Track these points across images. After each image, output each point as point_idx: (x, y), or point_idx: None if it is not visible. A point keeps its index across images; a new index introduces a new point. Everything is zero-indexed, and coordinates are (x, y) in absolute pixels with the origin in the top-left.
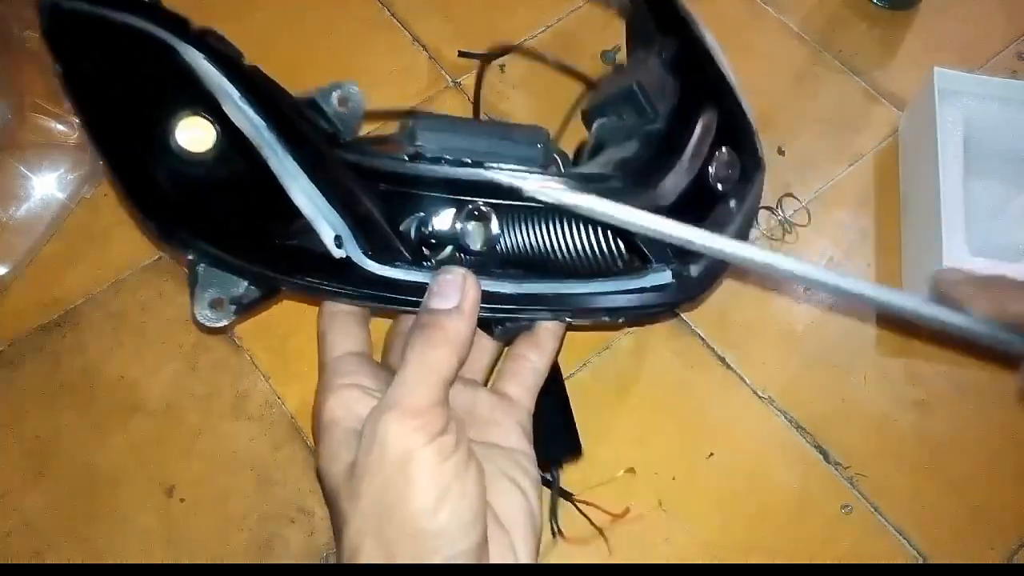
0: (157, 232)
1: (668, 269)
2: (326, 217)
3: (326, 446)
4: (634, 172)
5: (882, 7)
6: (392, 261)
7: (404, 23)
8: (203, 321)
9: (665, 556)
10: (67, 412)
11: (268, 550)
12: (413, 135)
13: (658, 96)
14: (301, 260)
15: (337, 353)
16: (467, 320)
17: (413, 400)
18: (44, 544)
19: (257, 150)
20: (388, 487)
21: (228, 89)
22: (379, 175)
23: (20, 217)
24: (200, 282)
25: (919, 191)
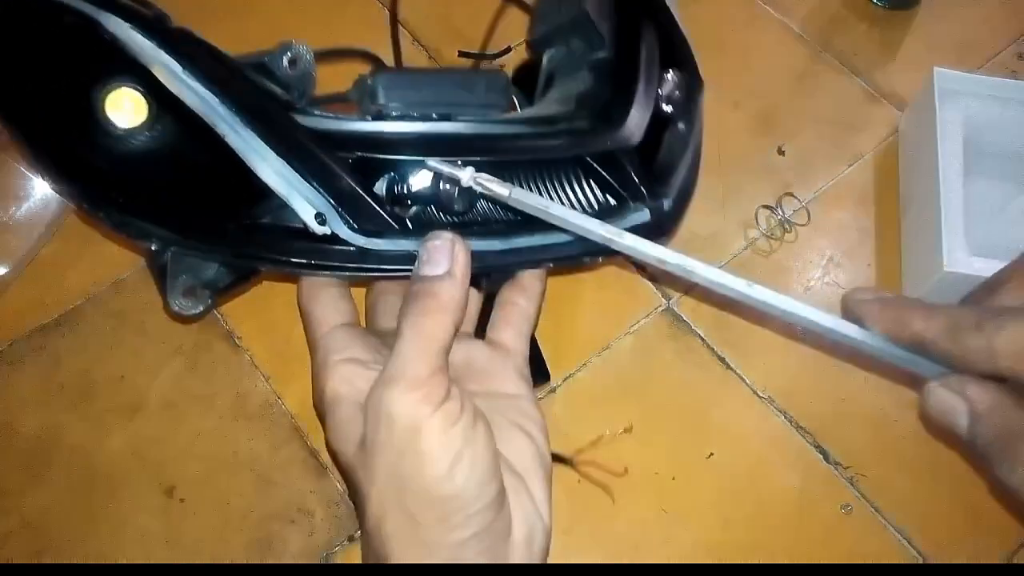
0: (109, 222)
1: (646, 208)
2: (303, 194)
3: (335, 424)
4: (598, 110)
5: (882, 7)
6: (380, 233)
7: (403, 23)
8: (179, 311)
9: (665, 556)
10: (67, 412)
11: (268, 550)
12: (374, 93)
13: (599, 18)
14: (278, 239)
15: (326, 328)
16: (460, 284)
17: (414, 371)
18: (44, 544)
19: (212, 127)
20: (401, 460)
21: (167, 62)
22: (347, 141)
23: (20, 217)
24: (170, 271)
25: (919, 191)
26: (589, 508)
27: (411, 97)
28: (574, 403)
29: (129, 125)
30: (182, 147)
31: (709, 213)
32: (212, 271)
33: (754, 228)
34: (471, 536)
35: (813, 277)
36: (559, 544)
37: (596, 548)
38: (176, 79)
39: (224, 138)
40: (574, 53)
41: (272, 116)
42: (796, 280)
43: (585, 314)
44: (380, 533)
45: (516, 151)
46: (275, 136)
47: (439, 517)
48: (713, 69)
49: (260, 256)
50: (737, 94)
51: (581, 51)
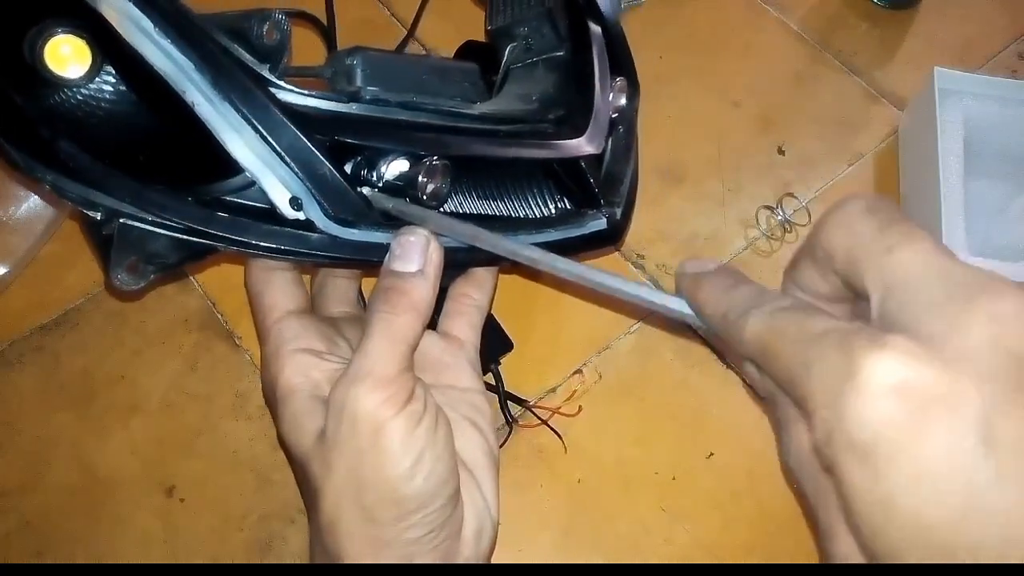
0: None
1: (603, 216)
2: (278, 175)
3: (289, 416)
4: (562, 116)
5: (882, 7)
6: (353, 222)
7: (404, 23)
8: (119, 285)
9: (665, 556)
10: (67, 412)
11: (268, 550)
12: (352, 75)
13: (559, 17)
14: (243, 219)
15: (277, 315)
16: (431, 284)
17: (381, 370)
18: (44, 544)
19: (179, 93)
20: (362, 458)
21: (138, 18)
22: (326, 123)
23: (20, 217)
24: (116, 244)
25: (919, 191)
26: (589, 508)
27: (388, 82)
28: (574, 403)
29: (69, 75)
30: (139, 110)
31: (709, 213)
32: (160, 245)
33: (754, 228)
34: (426, 534)
35: None
36: (559, 544)
37: (596, 548)
38: (146, 37)
39: (193, 107)
40: (532, 48)
41: (251, 89)
42: None
43: (585, 314)
44: (334, 529)
45: (490, 148)
46: (254, 111)
47: (397, 516)
48: (713, 69)
49: (221, 236)
50: (737, 93)
51: (538, 46)
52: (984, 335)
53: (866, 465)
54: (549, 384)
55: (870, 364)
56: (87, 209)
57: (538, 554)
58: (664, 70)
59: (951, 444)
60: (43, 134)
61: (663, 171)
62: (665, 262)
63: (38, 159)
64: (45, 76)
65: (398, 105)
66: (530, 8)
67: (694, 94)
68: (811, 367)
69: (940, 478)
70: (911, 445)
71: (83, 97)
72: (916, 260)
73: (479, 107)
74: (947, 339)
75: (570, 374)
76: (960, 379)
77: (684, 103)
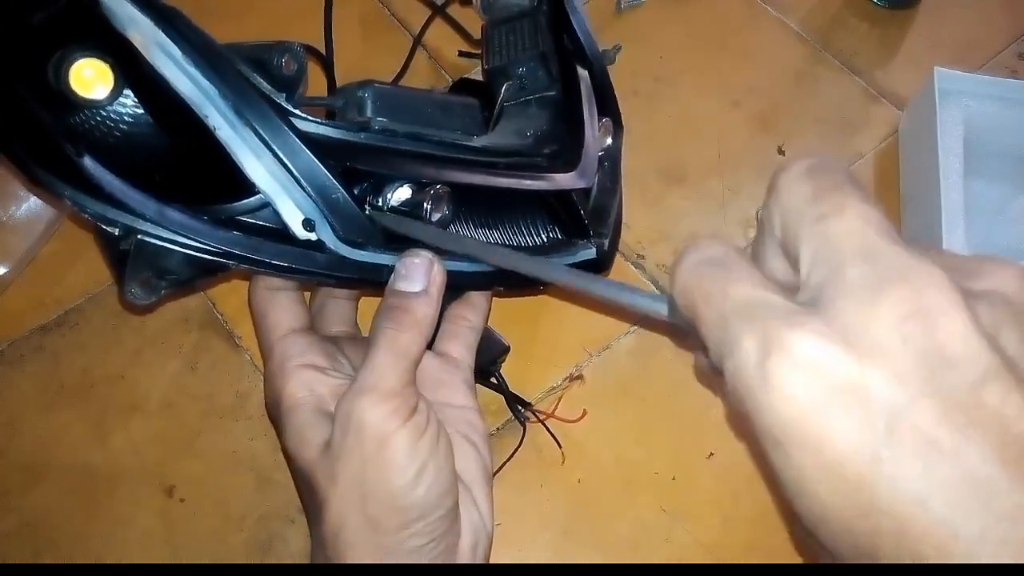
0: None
1: (593, 246)
2: (292, 197)
3: (293, 429)
4: (556, 152)
5: (882, 7)
6: (362, 244)
7: (404, 23)
8: (132, 300)
9: (665, 556)
10: (67, 412)
11: (268, 550)
12: (362, 106)
13: (551, 60)
14: (256, 238)
15: (282, 332)
16: (434, 303)
17: (386, 383)
18: (44, 544)
19: (201, 117)
20: (367, 468)
21: (166, 45)
22: (339, 150)
23: (20, 217)
24: (132, 260)
25: (919, 191)
26: (589, 508)
27: (395, 114)
28: (574, 403)
29: (92, 96)
30: (158, 131)
31: (709, 213)
32: (174, 262)
33: (754, 228)
34: (427, 543)
35: None
36: (559, 544)
37: (596, 548)
38: (173, 63)
39: (214, 131)
40: (525, 87)
41: (271, 116)
42: None
43: (585, 314)
44: (338, 538)
45: (489, 178)
46: (274, 137)
47: (400, 524)
48: (713, 69)
49: (235, 254)
50: (737, 94)
51: (532, 86)
52: (894, 332)
53: (778, 451)
54: (549, 384)
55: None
56: (105, 225)
57: (538, 554)
58: (664, 70)
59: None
60: (66, 152)
61: (663, 171)
62: (665, 262)
63: (59, 176)
64: (69, 97)
65: (405, 136)
66: (525, 51)
67: (694, 94)
68: (730, 347)
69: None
70: (816, 435)
71: (105, 117)
72: (844, 233)
73: (479, 140)
74: (860, 331)
75: (567, 375)
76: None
77: (684, 103)
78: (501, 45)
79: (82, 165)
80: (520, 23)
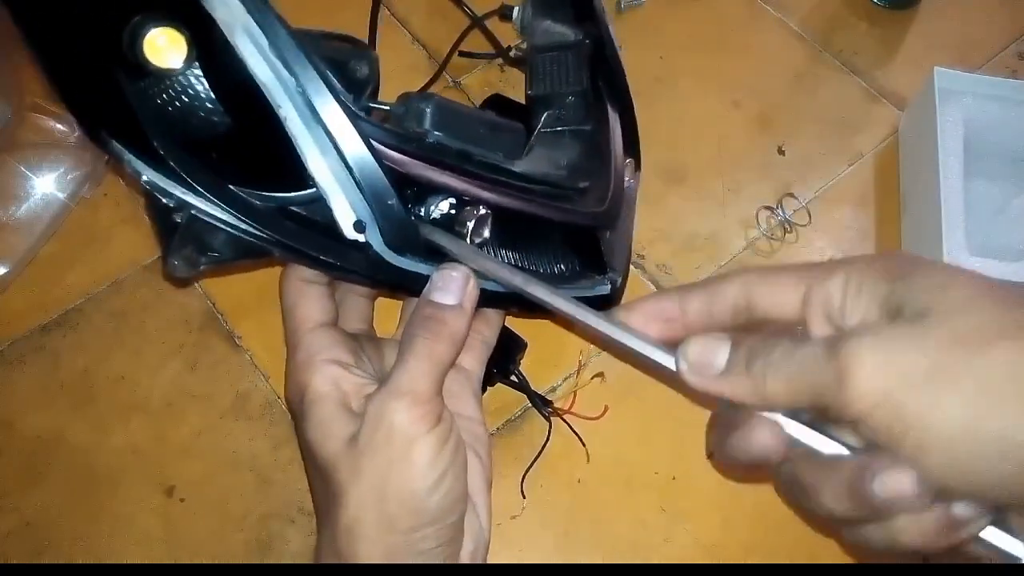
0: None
1: (608, 283)
2: (348, 197)
3: (317, 421)
4: (588, 188)
5: (882, 7)
6: (406, 252)
7: (404, 23)
8: (173, 272)
9: (665, 556)
10: (67, 412)
11: (268, 550)
12: (421, 117)
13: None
14: (306, 230)
15: (311, 325)
16: (467, 318)
17: (420, 389)
18: (44, 544)
19: (272, 107)
20: (392, 468)
21: (252, 29)
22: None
23: (20, 217)
24: (180, 234)
25: (919, 191)
26: (589, 508)
27: (450, 130)
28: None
29: (164, 64)
30: (224, 110)
31: (709, 213)
32: (220, 240)
33: (754, 228)
34: (435, 547)
35: None
36: (559, 544)
37: (596, 548)
38: (258, 50)
39: (284, 121)
40: (562, 119)
41: (344, 117)
42: None
43: None
44: (353, 532)
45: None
46: (342, 137)
47: (414, 525)
48: (713, 69)
49: (283, 242)
50: (737, 94)
51: (568, 117)
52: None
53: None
54: (552, 383)
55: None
56: (160, 195)
57: (538, 554)
58: (664, 70)
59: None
60: (131, 116)
61: (663, 171)
62: (665, 262)
63: (120, 138)
64: (140, 62)
65: (456, 152)
66: (568, 85)
67: (694, 94)
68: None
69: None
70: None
71: (171, 87)
72: None
73: (520, 164)
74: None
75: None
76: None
77: (684, 103)
78: (545, 73)
79: (145, 131)
80: (565, 55)
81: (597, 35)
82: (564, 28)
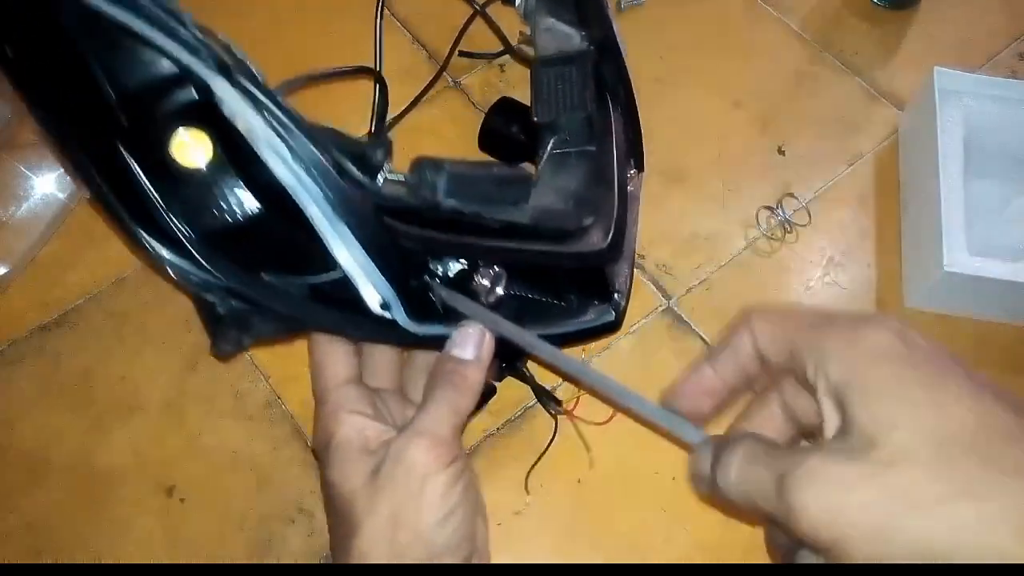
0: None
1: (612, 310)
2: (372, 281)
3: (340, 462)
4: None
5: (882, 7)
6: (430, 322)
7: (404, 23)
8: (222, 355)
9: (665, 556)
10: (67, 412)
11: (268, 550)
12: (434, 187)
13: (595, 116)
14: (336, 307)
15: (337, 382)
16: (483, 370)
17: (439, 432)
18: (44, 544)
19: (300, 206)
20: (406, 500)
21: (276, 145)
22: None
23: (20, 217)
24: (226, 321)
25: (919, 191)
26: (589, 508)
27: (462, 196)
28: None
29: (192, 165)
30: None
31: (709, 213)
32: (262, 323)
33: (754, 228)
34: None
35: (813, 277)
36: (559, 544)
37: (596, 548)
38: (281, 160)
39: (311, 220)
40: (568, 141)
41: (367, 214)
42: (796, 280)
43: None
44: (365, 560)
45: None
46: (365, 232)
47: (423, 557)
48: (713, 69)
49: (317, 321)
50: (737, 94)
51: (574, 142)
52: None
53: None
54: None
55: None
56: (206, 293)
57: (538, 554)
58: (664, 70)
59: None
60: (173, 225)
61: (664, 171)
62: (665, 262)
63: (166, 245)
64: (171, 166)
65: (470, 216)
66: (573, 111)
67: (694, 94)
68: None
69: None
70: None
71: (200, 188)
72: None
73: (529, 210)
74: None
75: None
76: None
77: (684, 103)
78: (550, 94)
79: (189, 240)
80: (569, 71)
81: (602, 39)
82: (569, 29)
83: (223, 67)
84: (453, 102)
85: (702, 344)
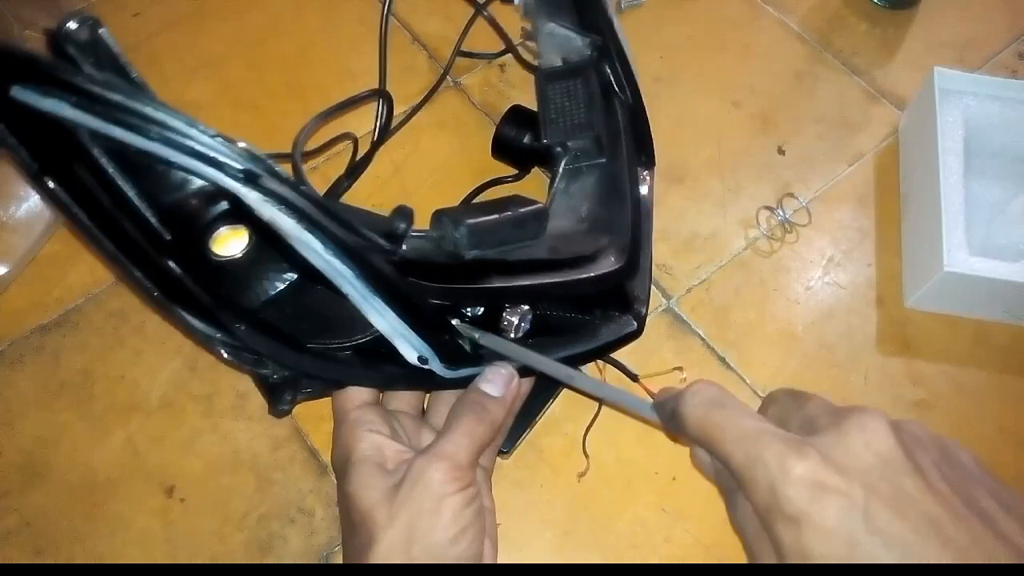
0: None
1: (634, 320)
2: (409, 341)
3: (359, 476)
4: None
5: (882, 7)
6: (462, 365)
7: (404, 23)
8: (280, 415)
9: (665, 556)
10: (67, 412)
11: (268, 550)
12: (458, 243)
13: (602, 131)
14: (376, 363)
15: (358, 403)
16: (508, 409)
17: (458, 457)
18: (44, 544)
19: (338, 288)
20: (421, 516)
21: (309, 241)
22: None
23: (20, 217)
24: (282, 388)
25: (919, 191)
26: (589, 508)
27: (483, 245)
28: (576, 404)
29: (233, 255)
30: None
31: (709, 213)
32: (309, 384)
33: (754, 228)
34: None
35: (813, 277)
36: (559, 544)
37: (596, 548)
38: (314, 252)
39: (347, 297)
40: (579, 157)
41: (397, 287)
42: (796, 280)
43: None
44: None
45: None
46: (397, 304)
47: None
48: (713, 68)
49: (359, 381)
50: (737, 93)
51: (585, 157)
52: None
53: (791, 527)
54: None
55: (797, 468)
56: (260, 369)
57: (538, 554)
58: (664, 70)
59: (843, 517)
60: (223, 320)
61: (663, 171)
62: (665, 262)
63: (221, 335)
64: (217, 259)
65: (493, 263)
66: (581, 130)
67: (694, 94)
68: (755, 463)
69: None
70: (820, 518)
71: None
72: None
73: (547, 242)
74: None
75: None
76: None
77: (684, 103)
78: (558, 114)
79: (239, 332)
80: (575, 85)
81: (604, 41)
82: (570, 32)
83: (248, 175)
84: (453, 102)
85: (702, 344)
